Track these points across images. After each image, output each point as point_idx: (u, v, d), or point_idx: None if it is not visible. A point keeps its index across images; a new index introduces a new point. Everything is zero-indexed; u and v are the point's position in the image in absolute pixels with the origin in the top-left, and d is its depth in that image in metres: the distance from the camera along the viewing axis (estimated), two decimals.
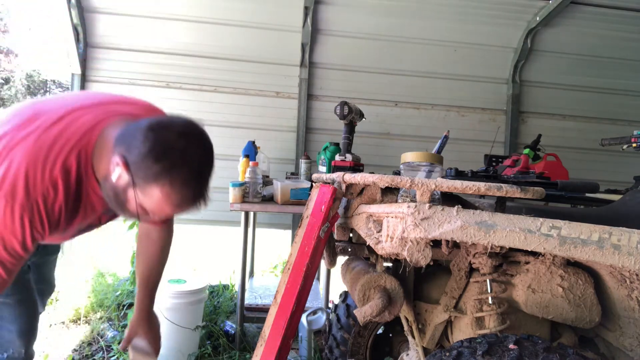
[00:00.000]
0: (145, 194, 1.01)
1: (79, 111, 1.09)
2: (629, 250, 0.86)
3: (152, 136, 0.98)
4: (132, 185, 1.01)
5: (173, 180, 0.99)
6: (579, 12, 3.51)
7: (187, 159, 1.00)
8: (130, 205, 1.06)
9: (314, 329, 2.57)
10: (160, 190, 0.99)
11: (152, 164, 0.97)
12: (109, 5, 3.33)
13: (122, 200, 1.06)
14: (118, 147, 1.03)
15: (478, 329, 1.17)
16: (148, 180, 0.99)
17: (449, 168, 1.60)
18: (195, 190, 1.03)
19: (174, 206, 1.04)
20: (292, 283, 1.22)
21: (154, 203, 1.03)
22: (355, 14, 3.48)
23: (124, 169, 1.00)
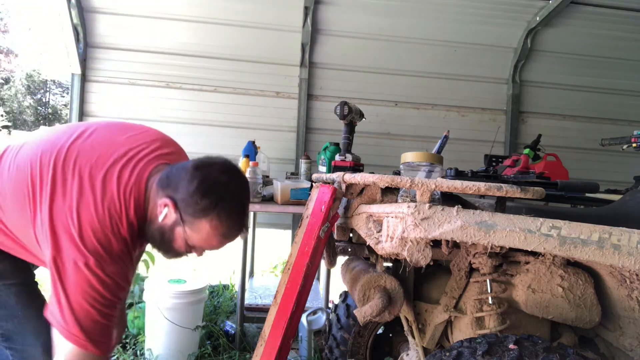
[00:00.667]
0: (193, 229, 1.11)
1: (119, 163, 1.14)
2: (629, 250, 0.86)
3: (198, 175, 1.09)
4: (180, 223, 1.10)
5: (220, 213, 1.09)
6: (579, 12, 3.51)
7: (230, 193, 1.11)
8: (177, 244, 1.15)
9: (314, 329, 2.57)
10: (209, 224, 1.09)
11: (200, 199, 1.07)
12: (109, 5, 3.33)
13: (168, 239, 1.15)
14: (163, 189, 1.12)
15: (478, 329, 1.17)
16: (197, 216, 1.09)
17: (449, 168, 1.60)
18: (240, 221, 1.15)
19: (222, 237, 1.14)
20: (292, 283, 1.22)
21: (202, 237, 1.12)
22: (355, 14, 3.47)
23: (172, 209, 1.09)
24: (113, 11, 3.36)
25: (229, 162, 1.15)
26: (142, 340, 2.59)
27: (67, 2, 3.06)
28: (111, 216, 1.08)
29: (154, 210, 1.14)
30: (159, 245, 1.19)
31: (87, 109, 3.42)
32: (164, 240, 1.16)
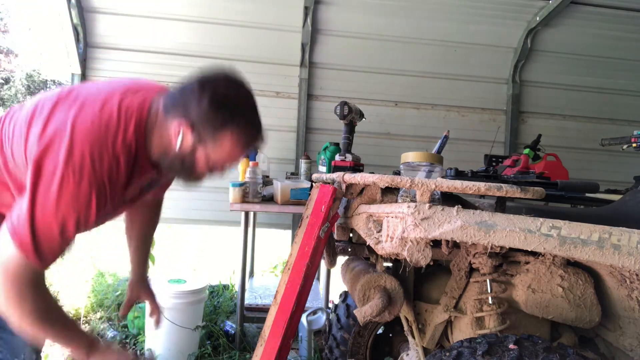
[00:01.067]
0: (215, 146, 1.08)
1: (120, 93, 1.09)
2: (629, 250, 0.86)
3: (207, 91, 1.05)
4: (200, 143, 1.07)
5: (239, 123, 1.09)
6: (579, 12, 3.51)
7: (243, 103, 1.11)
8: (199, 167, 1.12)
9: (314, 329, 2.57)
10: (231, 136, 1.08)
11: (216, 114, 1.05)
12: (109, 5, 3.33)
13: (189, 165, 1.11)
14: (172, 113, 1.08)
15: (478, 329, 1.17)
16: (217, 131, 1.06)
17: (449, 168, 1.60)
18: (258, 127, 1.15)
19: (244, 147, 1.13)
20: (292, 283, 1.22)
21: (225, 151, 1.10)
22: (355, 14, 3.47)
23: (188, 131, 1.05)
24: (113, 11, 3.36)
25: (231, 73, 1.13)
26: (142, 340, 2.59)
27: (67, 2, 3.06)
28: (108, 129, 1.01)
29: (164, 139, 1.10)
30: (180, 173, 1.17)
31: None
32: (185, 168, 1.14)
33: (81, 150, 0.97)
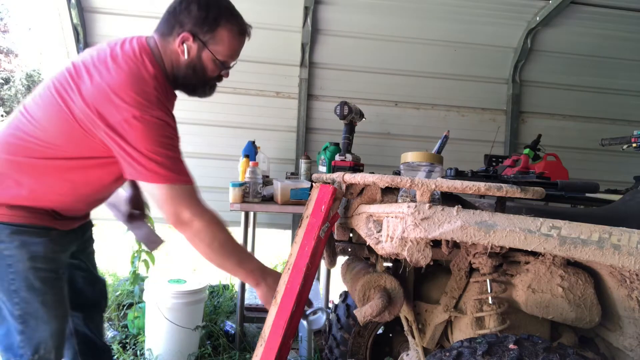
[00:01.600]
0: (216, 43, 1.27)
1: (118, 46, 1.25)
2: (629, 250, 0.86)
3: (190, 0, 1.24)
4: (203, 46, 1.26)
5: (229, 17, 1.27)
6: (579, 12, 3.51)
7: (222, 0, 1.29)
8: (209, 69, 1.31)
9: (314, 329, 2.57)
10: (226, 29, 1.27)
11: (207, 15, 1.24)
12: (109, 5, 3.33)
13: (201, 70, 1.30)
14: (170, 32, 1.27)
15: (478, 329, 1.17)
16: (213, 29, 1.25)
17: (449, 168, 1.60)
18: (241, 16, 1.31)
19: (240, 36, 1.32)
20: (292, 283, 1.22)
21: (226, 45, 1.29)
22: (355, 14, 3.47)
23: (189, 39, 1.25)
24: (113, 11, 3.35)
25: None
26: (142, 340, 2.59)
27: (67, 2, 3.06)
28: (133, 74, 1.18)
29: (173, 57, 1.29)
30: (196, 81, 1.33)
31: None
32: (197, 74, 1.31)
33: (130, 98, 1.14)
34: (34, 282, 1.28)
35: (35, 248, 1.28)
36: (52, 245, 1.31)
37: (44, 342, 1.31)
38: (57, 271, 1.35)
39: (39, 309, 1.30)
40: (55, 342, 1.35)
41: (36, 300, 1.29)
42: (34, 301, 1.29)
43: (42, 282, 1.30)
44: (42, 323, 1.31)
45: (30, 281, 1.28)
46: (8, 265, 1.27)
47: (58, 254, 1.35)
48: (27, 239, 1.27)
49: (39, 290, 1.29)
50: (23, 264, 1.27)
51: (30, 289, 1.28)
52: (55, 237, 1.33)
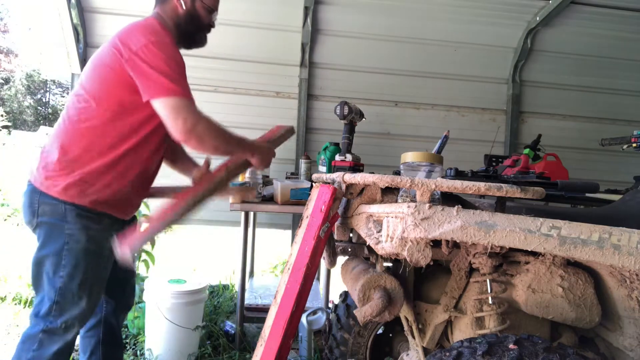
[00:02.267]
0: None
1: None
2: (629, 250, 0.86)
3: None
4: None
5: None
6: (579, 12, 3.50)
7: None
8: (203, 16, 1.66)
9: (314, 329, 2.57)
10: None
11: None
12: (109, 5, 3.33)
13: (196, 17, 1.66)
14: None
15: (478, 329, 1.17)
16: None
17: (449, 168, 1.60)
18: None
19: None
20: (292, 283, 1.22)
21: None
22: (355, 14, 3.47)
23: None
24: (113, 11, 3.35)
25: None
26: (142, 340, 2.59)
27: (67, 2, 3.06)
28: (149, 25, 1.53)
29: (172, 12, 1.63)
30: (193, 28, 1.67)
31: None
32: (194, 21, 1.65)
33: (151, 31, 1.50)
34: (81, 262, 1.48)
35: (92, 233, 1.50)
36: (105, 232, 1.53)
37: (73, 316, 1.49)
38: (104, 256, 1.55)
39: (78, 287, 1.48)
40: (83, 317, 1.53)
41: (78, 278, 1.48)
42: (77, 278, 1.48)
43: (88, 264, 1.49)
44: (77, 299, 1.49)
45: (79, 260, 1.48)
46: (66, 242, 1.47)
47: (109, 241, 1.53)
48: (88, 223, 1.49)
49: (83, 270, 1.48)
50: (78, 245, 1.48)
51: (77, 267, 1.48)
52: (109, 224, 1.55)
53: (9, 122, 19.17)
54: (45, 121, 21.41)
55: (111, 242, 1.53)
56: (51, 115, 22.72)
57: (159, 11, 1.65)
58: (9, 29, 18.43)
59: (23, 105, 21.81)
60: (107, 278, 1.61)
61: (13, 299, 3.12)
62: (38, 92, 23.16)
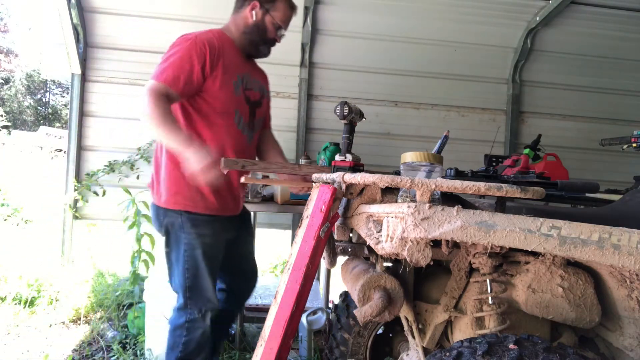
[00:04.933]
0: (275, 10, 1.84)
1: None
2: (629, 250, 0.85)
3: None
4: (266, 12, 1.84)
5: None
6: (579, 12, 3.51)
7: None
8: (269, 30, 1.85)
9: (314, 329, 2.57)
10: (282, 2, 1.85)
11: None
12: (108, 5, 3.33)
13: (263, 30, 1.85)
14: (242, 5, 1.89)
15: (478, 329, 1.17)
16: (274, 0, 1.84)
17: (449, 168, 1.60)
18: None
19: (291, 8, 1.90)
20: (292, 283, 1.22)
21: (282, 12, 1.85)
22: (355, 14, 3.47)
23: (257, 6, 1.83)
24: (113, 11, 3.36)
25: None
26: (142, 340, 2.59)
27: (67, 2, 3.06)
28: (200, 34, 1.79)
29: (242, 21, 1.86)
30: (258, 39, 1.86)
31: (87, 108, 3.42)
32: (260, 32, 1.85)
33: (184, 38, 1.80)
34: (200, 264, 1.80)
35: (206, 239, 1.79)
36: (217, 235, 1.82)
37: (204, 304, 1.84)
38: (217, 256, 1.87)
39: (202, 284, 1.82)
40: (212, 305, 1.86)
41: (200, 276, 1.81)
42: (199, 277, 1.81)
43: (205, 265, 1.80)
44: (203, 291, 1.83)
45: (197, 263, 1.79)
46: (185, 250, 1.79)
47: (221, 242, 1.86)
48: (202, 230, 1.78)
49: (202, 270, 1.80)
50: (195, 251, 1.78)
51: (198, 269, 1.80)
52: (219, 227, 1.83)
53: (9, 122, 19.18)
54: (45, 121, 21.39)
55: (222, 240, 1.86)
56: (51, 115, 22.71)
57: (230, 20, 1.91)
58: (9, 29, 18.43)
59: (23, 105, 21.81)
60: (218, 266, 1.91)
61: (13, 299, 3.12)
62: (38, 92, 23.16)
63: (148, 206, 2.93)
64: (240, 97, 1.83)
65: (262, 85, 1.99)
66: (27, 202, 6.27)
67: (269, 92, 2.08)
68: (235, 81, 1.80)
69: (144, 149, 3.43)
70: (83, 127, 3.41)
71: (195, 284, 1.82)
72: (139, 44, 3.43)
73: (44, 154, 11.63)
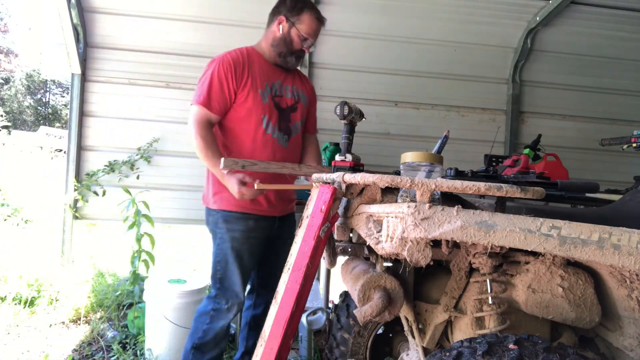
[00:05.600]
0: (301, 23, 1.94)
1: None
2: (629, 250, 0.85)
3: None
4: (292, 25, 1.94)
5: (309, 5, 1.96)
6: (579, 12, 3.51)
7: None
8: (295, 42, 1.96)
9: (314, 329, 2.57)
10: (308, 14, 1.94)
11: (296, 5, 1.93)
12: (108, 5, 3.33)
13: (289, 42, 1.96)
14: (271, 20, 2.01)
15: (478, 329, 1.17)
16: (299, 13, 1.94)
17: (449, 168, 1.60)
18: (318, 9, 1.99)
19: (318, 20, 1.97)
20: (292, 283, 1.22)
21: (308, 24, 1.95)
22: (355, 14, 3.47)
23: (284, 20, 1.94)
24: (113, 11, 3.36)
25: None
26: (142, 340, 2.59)
27: (67, 2, 3.06)
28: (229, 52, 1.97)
29: (271, 35, 1.99)
30: (286, 50, 1.97)
31: (87, 108, 3.42)
32: (287, 45, 1.96)
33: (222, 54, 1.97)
34: (229, 258, 1.94)
35: (236, 234, 1.93)
36: (248, 232, 1.93)
37: (232, 297, 1.95)
38: (247, 252, 1.95)
39: (230, 277, 1.94)
40: (239, 302, 1.97)
41: (229, 270, 1.94)
42: (227, 270, 1.94)
43: (234, 259, 1.93)
44: (232, 284, 1.95)
45: (227, 257, 1.94)
46: (218, 244, 1.96)
47: (252, 239, 1.96)
48: (233, 226, 1.92)
49: (232, 264, 1.93)
50: (226, 244, 1.93)
51: (227, 263, 1.94)
52: (252, 224, 1.94)
53: (9, 122, 19.18)
54: (45, 121, 21.39)
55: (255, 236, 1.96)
56: (51, 115, 22.71)
57: (262, 36, 2.06)
58: (9, 29, 18.43)
59: (23, 105, 21.81)
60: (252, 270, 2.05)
61: (13, 299, 3.12)
62: (38, 92, 23.15)
63: (148, 206, 2.94)
64: (268, 103, 1.96)
65: (299, 92, 2.12)
66: (27, 202, 6.27)
67: (308, 98, 2.20)
68: (262, 90, 1.95)
69: (144, 149, 3.43)
70: (83, 127, 3.41)
71: (224, 277, 1.95)
72: (139, 44, 3.43)
73: (44, 154, 11.63)
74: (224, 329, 1.97)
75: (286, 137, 2.05)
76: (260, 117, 1.95)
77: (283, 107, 2.03)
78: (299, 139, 2.17)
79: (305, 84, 2.23)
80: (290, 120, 2.07)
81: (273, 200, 2.01)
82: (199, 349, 1.95)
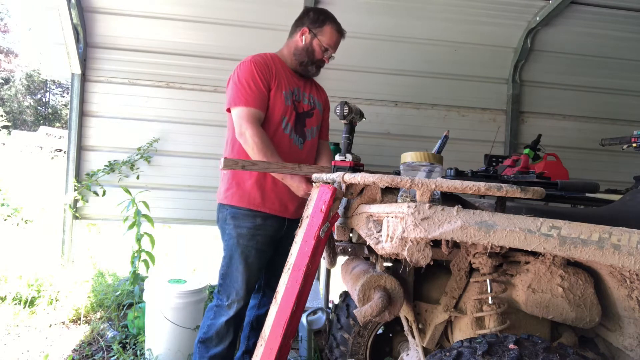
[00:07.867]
0: (323, 35, 2.05)
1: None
2: (629, 250, 0.85)
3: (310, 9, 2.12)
4: (314, 36, 2.05)
5: (332, 18, 2.08)
6: (579, 12, 3.51)
7: (328, 11, 2.11)
8: (317, 52, 2.06)
9: (314, 329, 2.57)
10: (330, 26, 2.06)
11: (318, 17, 2.06)
12: (109, 5, 3.33)
13: (311, 52, 2.06)
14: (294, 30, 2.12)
15: (478, 329, 1.17)
16: (322, 25, 2.05)
17: (449, 168, 1.60)
18: (339, 23, 2.11)
19: (339, 33, 2.10)
20: (292, 283, 1.22)
21: (328, 36, 2.06)
22: (355, 13, 3.47)
23: (307, 32, 2.05)
24: (113, 11, 3.35)
25: None
26: (142, 340, 2.59)
27: (67, 2, 3.06)
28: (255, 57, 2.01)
29: (294, 45, 2.08)
30: (307, 60, 2.07)
31: (87, 108, 3.42)
32: (309, 54, 2.06)
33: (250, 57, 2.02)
34: (234, 254, 1.95)
35: (243, 231, 1.94)
36: (255, 229, 1.95)
37: (233, 294, 1.95)
38: (253, 251, 1.95)
39: (233, 273, 1.96)
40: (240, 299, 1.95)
41: (232, 266, 1.96)
42: (232, 267, 1.96)
43: (239, 256, 1.94)
44: (233, 281, 1.95)
45: (232, 253, 1.96)
46: (225, 241, 1.99)
47: (259, 237, 1.96)
48: (240, 222, 1.95)
49: (236, 261, 1.94)
50: (233, 241, 1.95)
51: (232, 259, 1.96)
52: (260, 223, 1.95)
53: (9, 122, 19.17)
54: (45, 121, 21.38)
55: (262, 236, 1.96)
56: (51, 115, 22.71)
57: (284, 45, 2.14)
58: (9, 29, 18.43)
59: (23, 105, 21.81)
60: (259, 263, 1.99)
61: (13, 299, 3.12)
62: (38, 92, 23.15)
63: (148, 206, 2.93)
64: (290, 106, 2.04)
65: (315, 99, 2.20)
66: (27, 202, 6.27)
67: (322, 105, 2.26)
68: (285, 92, 2.02)
69: (144, 149, 3.43)
70: (83, 127, 3.41)
71: (227, 273, 1.97)
72: (139, 44, 3.43)
73: (44, 154, 11.63)
74: (227, 326, 1.97)
75: (301, 139, 2.10)
76: (281, 118, 2.00)
77: (300, 111, 2.10)
78: (315, 144, 2.21)
79: (321, 93, 2.30)
80: (306, 124, 2.13)
81: (286, 201, 2.01)
82: (203, 344, 1.98)
